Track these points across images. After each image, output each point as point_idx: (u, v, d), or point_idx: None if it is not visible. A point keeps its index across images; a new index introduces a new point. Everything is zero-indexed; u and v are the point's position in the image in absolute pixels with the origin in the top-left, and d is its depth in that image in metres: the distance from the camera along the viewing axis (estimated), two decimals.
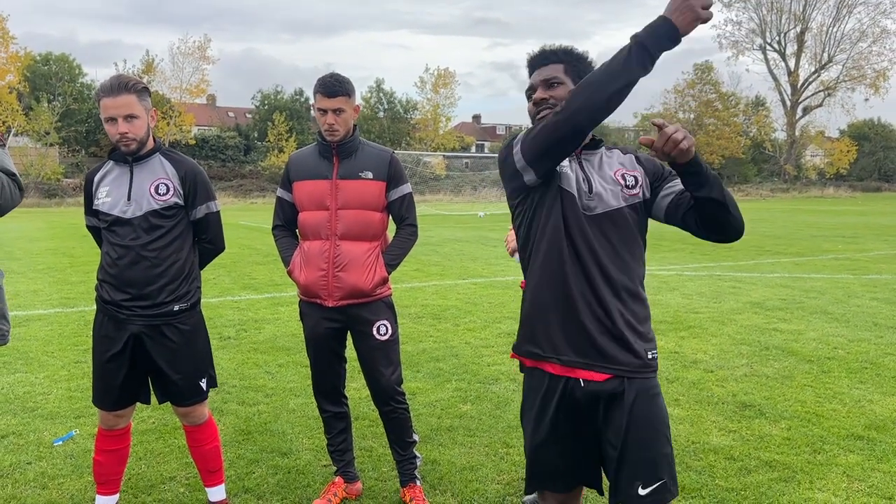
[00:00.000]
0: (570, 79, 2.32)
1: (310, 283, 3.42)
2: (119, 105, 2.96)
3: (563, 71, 2.33)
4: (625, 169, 2.37)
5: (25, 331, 7.24)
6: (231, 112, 65.25)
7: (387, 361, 3.51)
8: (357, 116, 3.45)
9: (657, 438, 2.24)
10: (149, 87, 3.15)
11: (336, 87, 3.28)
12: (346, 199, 3.36)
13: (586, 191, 2.27)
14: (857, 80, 58.94)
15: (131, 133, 2.99)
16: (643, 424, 2.22)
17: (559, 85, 2.31)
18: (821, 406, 5.05)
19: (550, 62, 2.35)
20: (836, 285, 10.43)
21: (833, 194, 53.76)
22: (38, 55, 47.13)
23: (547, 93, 2.32)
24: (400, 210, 3.50)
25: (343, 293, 3.38)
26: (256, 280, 11.00)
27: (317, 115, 3.36)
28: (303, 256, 3.45)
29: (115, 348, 3.12)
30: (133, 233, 3.06)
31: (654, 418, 2.24)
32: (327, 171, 3.39)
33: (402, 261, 3.56)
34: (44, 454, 4.19)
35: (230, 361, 6.21)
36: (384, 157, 3.46)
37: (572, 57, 2.35)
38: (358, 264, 3.37)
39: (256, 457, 4.17)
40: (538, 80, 2.35)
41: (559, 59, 2.34)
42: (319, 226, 3.39)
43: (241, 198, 40.48)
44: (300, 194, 3.44)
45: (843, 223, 23.96)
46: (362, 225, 3.39)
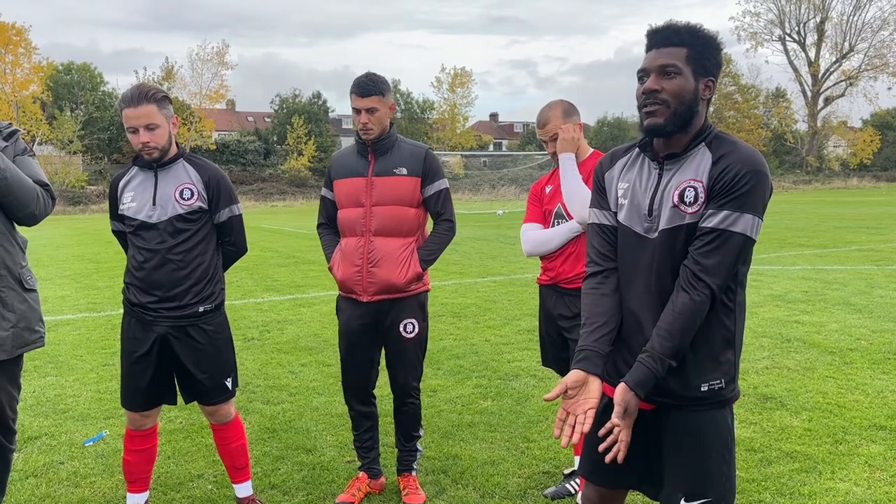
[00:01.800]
0: (690, 69, 2.03)
1: (345, 279, 3.50)
2: (140, 115, 3.03)
3: (685, 58, 2.02)
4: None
5: (55, 335, 7.40)
6: (250, 116, 65.79)
7: (409, 360, 3.59)
8: (392, 114, 3.52)
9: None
10: (169, 95, 3.22)
11: (369, 87, 3.36)
12: (381, 195, 3.43)
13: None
14: (880, 69, 58.06)
15: (153, 142, 3.07)
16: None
17: (676, 76, 2.02)
18: (842, 397, 5.03)
19: (672, 43, 2.03)
20: (858, 276, 10.33)
21: (856, 185, 53.01)
22: (60, 65, 47.86)
23: (660, 83, 2.02)
24: (436, 206, 3.55)
25: (377, 288, 3.45)
26: (278, 282, 11.13)
27: (353, 115, 3.44)
28: (341, 253, 3.54)
29: (142, 349, 3.21)
30: (159, 237, 3.15)
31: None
32: (364, 168, 3.47)
33: (439, 256, 3.61)
34: (75, 454, 4.30)
35: (254, 362, 6.31)
36: (419, 152, 3.51)
37: (698, 41, 2.04)
38: (391, 260, 3.44)
39: (282, 454, 4.25)
40: (654, 65, 2.04)
41: (683, 40, 2.03)
42: (355, 222, 3.47)
43: (262, 201, 40.80)
44: (339, 192, 3.54)
45: (867, 214, 23.66)
46: (396, 221, 3.45)
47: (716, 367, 2.06)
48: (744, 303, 2.11)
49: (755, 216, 1.98)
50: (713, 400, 2.06)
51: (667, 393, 2.07)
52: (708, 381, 2.05)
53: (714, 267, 1.96)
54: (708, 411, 2.07)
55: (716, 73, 2.08)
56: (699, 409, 2.07)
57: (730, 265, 1.98)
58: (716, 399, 2.07)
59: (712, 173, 2.00)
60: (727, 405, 2.09)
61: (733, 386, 2.10)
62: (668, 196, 2.06)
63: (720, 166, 2.00)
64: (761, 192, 1.99)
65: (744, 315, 2.13)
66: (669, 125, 2.03)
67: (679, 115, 2.03)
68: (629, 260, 2.16)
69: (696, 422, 2.07)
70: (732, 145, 2.04)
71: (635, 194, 2.14)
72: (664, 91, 2.02)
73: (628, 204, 2.15)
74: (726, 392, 2.07)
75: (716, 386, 2.06)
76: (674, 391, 2.07)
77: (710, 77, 2.06)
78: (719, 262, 1.96)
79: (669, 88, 2.02)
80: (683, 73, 2.02)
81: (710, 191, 2.00)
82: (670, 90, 2.02)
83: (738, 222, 1.96)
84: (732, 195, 1.97)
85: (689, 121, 2.05)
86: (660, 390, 2.06)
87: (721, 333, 2.06)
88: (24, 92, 41.44)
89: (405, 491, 3.67)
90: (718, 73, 2.10)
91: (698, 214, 2.01)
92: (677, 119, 2.03)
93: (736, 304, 2.07)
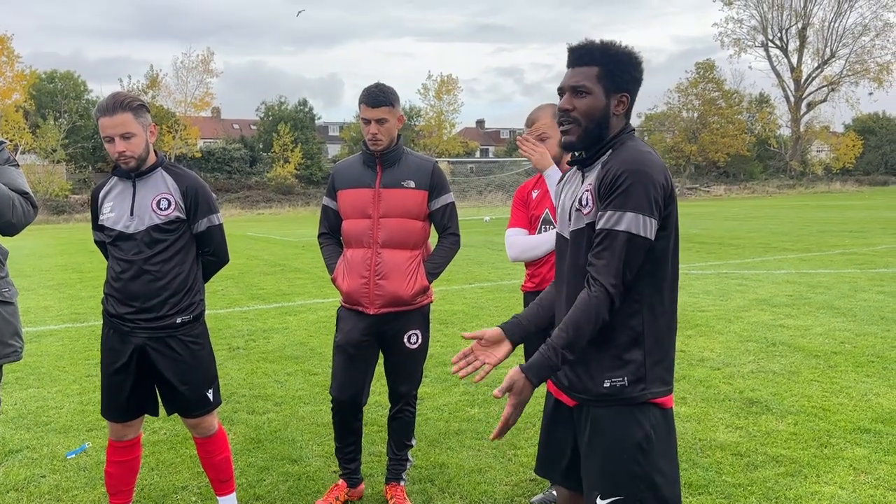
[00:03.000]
0: (601, 87, 2.12)
1: (352, 291, 3.47)
2: (116, 124, 3.00)
3: (596, 76, 2.12)
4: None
5: (37, 346, 7.32)
6: (236, 124, 65.59)
7: (411, 370, 3.60)
8: (401, 126, 3.51)
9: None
10: (147, 103, 3.19)
11: (380, 98, 3.35)
12: (388, 207, 3.42)
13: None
14: (861, 75, 58.77)
15: (129, 151, 3.03)
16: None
17: (586, 95, 2.12)
18: (827, 400, 5.06)
19: (584, 63, 2.13)
20: (842, 280, 10.42)
21: (840, 189, 53.51)
22: (43, 73, 47.57)
23: (572, 101, 2.14)
24: (442, 219, 3.54)
25: (384, 301, 3.43)
26: (264, 290, 11.07)
27: (361, 125, 3.43)
28: (346, 264, 3.51)
29: (120, 360, 3.18)
30: (136, 247, 3.11)
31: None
32: (371, 179, 3.45)
33: (444, 270, 3.61)
34: (57, 467, 4.25)
35: (239, 371, 6.27)
36: (427, 166, 3.51)
37: (610, 58, 2.12)
38: (399, 272, 3.42)
39: (267, 464, 4.21)
40: (567, 84, 2.15)
41: (595, 59, 2.12)
42: (362, 234, 3.44)
43: (248, 209, 40.66)
44: (344, 203, 3.51)
45: (850, 218, 23.88)
46: (404, 233, 3.44)
47: (619, 366, 2.11)
48: (662, 304, 2.13)
49: (638, 214, 2.02)
50: (617, 397, 2.11)
51: (578, 388, 2.18)
52: (610, 378, 2.11)
53: (604, 266, 2.04)
54: (614, 408, 2.12)
55: (631, 88, 2.17)
56: (605, 405, 2.13)
57: (618, 264, 2.02)
58: (620, 396, 2.11)
59: (598, 176, 2.12)
60: (635, 403, 2.12)
61: (643, 386, 2.11)
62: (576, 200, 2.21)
63: (603, 170, 2.11)
64: (642, 189, 2.03)
65: (662, 316, 2.14)
66: (580, 142, 2.17)
67: (589, 132, 2.16)
68: (559, 262, 2.31)
69: (604, 420, 2.14)
70: (621, 150, 2.12)
71: (563, 201, 2.30)
72: (575, 110, 2.14)
73: (560, 212, 2.32)
74: (630, 391, 2.11)
75: (618, 383, 2.11)
76: (581, 386, 2.17)
77: (623, 93, 2.16)
78: (608, 261, 2.03)
79: (580, 107, 2.14)
80: (593, 92, 2.13)
81: (597, 193, 2.10)
82: (580, 109, 2.14)
83: (622, 221, 2.02)
84: (613, 195, 2.05)
85: (600, 136, 2.17)
86: (572, 384, 2.19)
87: (626, 333, 2.10)
88: (7, 101, 41.14)
89: (392, 501, 3.64)
90: (635, 87, 2.18)
91: (591, 215, 2.13)
92: (587, 136, 2.16)
93: (644, 305, 2.10)
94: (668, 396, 2.17)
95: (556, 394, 2.31)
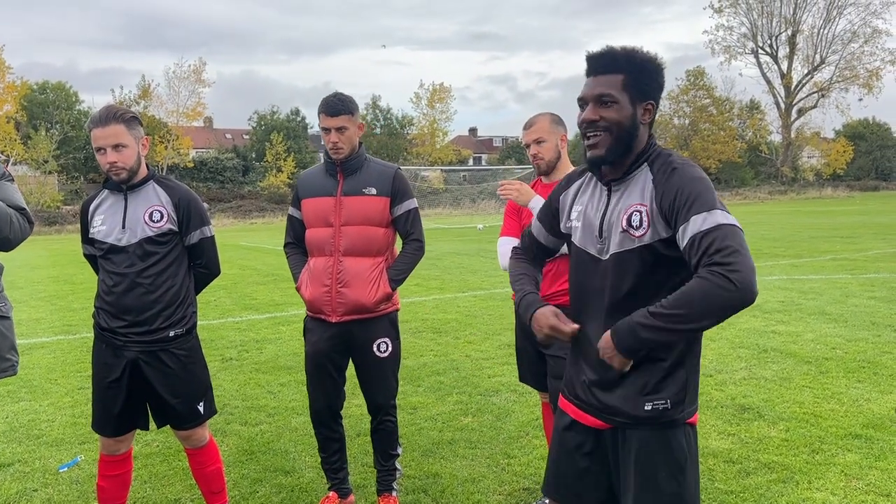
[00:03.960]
0: (627, 96, 2.03)
1: (314, 299, 3.48)
2: (108, 135, 3.01)
3: (622, 85, 2.03)
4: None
5: (29, 359, 7.28)
6: (228, 134, 65.48)
7: (384, 379, 3.57)
8: (361, 133, 3.53)
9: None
10: (139, 115, 3.20)
11: (338, 106, 3.36)
12: (349, 215, 3.43)
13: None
14: (851, 81, 59.09)
15: (120, 162, 3.04)
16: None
17: (613, 104, 2.03)
18: (819, 406, 5.08)
19: (608, 70, 2.04)
20: (833, 286, 10.47)
21: (831, 195, 53.78)
22: (34, 84, 47.42)
23: (598, 112, 2.04)
24: (405, 225, 3.55)
25: (346, 308, 3.44)
26: (257, 300, 11.05)
27: (322, 135, 3.44)
28: (309, 273, 3.52)
29: (113, 375, 3.17)
30: (128, 260, 3.11)
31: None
32: (332, 188, 3.46)
33: (408, 276, 3.61)
34: (49, 481, 4.23)
35: (232, 382, 6.25)
36: (388, 172, 3.52)
37: (635, 66, 2.03)
38: (361, 280, 3.42)
39: (260, 476, 4.20)
40: (591, 94, 2.06)
41: (619, 67, 2.03)
42: (323, 242, 3.45)
43: (241, 218, 40.55)
44: (307, 212, 3.52)
45: (842, 223, 24.00)
46: (365, 241, 3.44)
47: (661, 388, 2.04)
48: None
49: (723, 210, 1.93)
50: (660, 420, 2.05)
51: (616, 411, 2.09)
52: (652, 401, 2.04)
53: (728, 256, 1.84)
54: (656, 431, 2.06)
55: (656, 96, 2.09)
56: (646, 428, 2.06)
57: (743, 251, 1.86)
58: (662, 419, 2.05)
59: (656, 197, 2.01)
60: (677, 426, 2.07)
61: (682, 407, 2.07)
62: (617, 219, 2.08)
63: (660, 190, 2.00)
64: (713, 192, 1.97)
65: (701, 336, 2.10)
66: (610, 155, 2.07)
67: (619, 143, 2.05)
68: (584, 281, 2.17)
69: (645, 442, 2.07)
70: (668, 167, 2.03)
71: (588, 217, 2.17)
72: (602, 120, 2.04)
73: (582, 226, 2.18)
74: (673, 413, 2.05)
75: (660, 406, 2.04)
76: (621, 409, 2.08)
77: (649, 101, 2.08)
78: (728, 250, 1.85)
79: (607, 117, 2.04)
80: (620, 101, 2.03)
81: (661, 214, 2.00)
82: (608, 119, 2.04)
83: (714, 217, 1.90)
84: (689, 204, 1.94)
85: (629, 146, 2.07)
86: (610, 409, 2.10)
87: (672, 353, 2.04)
88: None
89: None
90: (660, 94, 2.11)
91: (647, 237, 2.02)
92: (618, 147, 2.06)
93: None
94: (696, 413, 2.15)
95: (576, 415, 2.21)
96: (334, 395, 3.63)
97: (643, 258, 2.03)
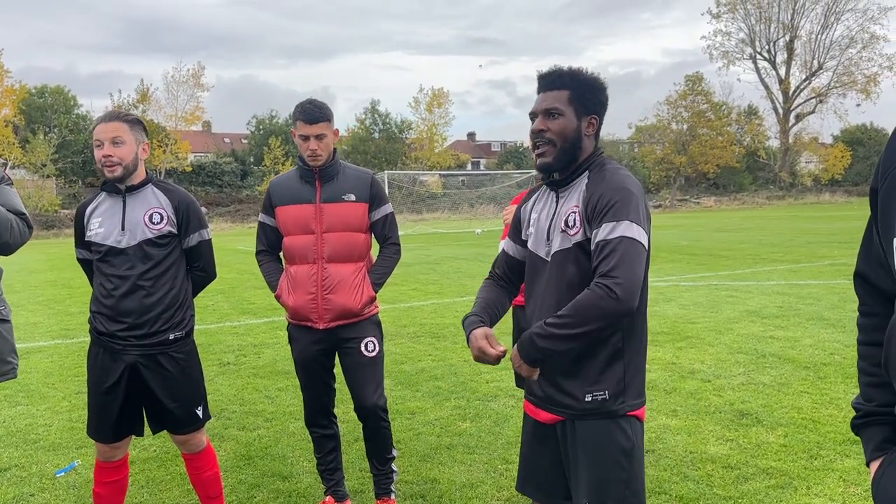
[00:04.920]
0: (572, 109, 2.23)
1: (299, 307, 3.47)
2: (108, 129, 3.04)
3: (568, 99, 2.23)
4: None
5: (26, 363, 7.27)
6: (227, 138, 65.53)
7: (373, 378, 3.55)
8: (336, 140, 3.53)
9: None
10: (144, 121, 3.22)
11: (317, 114, 3.36)
12: (331, 222, 3.43)
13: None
14: (849, 86, 59.18)
15: (115, 156, 3.04)
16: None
17: (559, 116, 2.23)
18: (817, 412, 5.08)
19: (556, 87, 2.25)
20: (832, 291, 10.47)
21: (829, 200, 53.83)
22: (33, 88, 47.42)
23: (546, 123, 2.24)
24: (383, 230, 3.57)
25: (333, 315, 3.44)
26: (255, 305, 11.04)
27: (298, 142, 3.43)
28: (290, 281, 3.51)
29: (111, 380, 3.16)
30: (128, 262, 3.11)
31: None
32: (310, 195, 3.45)
33: (388, 279, 3.65)
34: (46, 486, 4.21)
35: (230, 387, 6.24)
36: (365, 178, 3.53)
37: (580, 83, 2.25)
38: (346, 285, 3.43)
39: (258, 481, 4.19)
40: (540, 107, 2.27)
41: (565, 84, 2.25)
42: (306, 249, 3.44)
43: (239, 223, 40.52)
44: (284, 219, 3.50)
45: (840, 228, 24.02)
46: (348, 247, 3.45)
47: (600, 380, 2.20)
48: (638, 323, 2.23)
49: (632, 223, 2.10)
50: (600, 410, 2.20)
51: (562, 403, 2.24)
52: (592, 392, 2.20)
53: (612, 269, 2.06)
54: (598, 421, 2.21)
55: (599, 111, 2.28)
56: (590, 419, 2.21)
57: (624, 265, 2.06)
58: (602, 409, 2.20)
59: (584, 199, 2.20)
60: (618, 415, 2.21)
61: (623, 399, 2.21)
62: (559, 222, 2.26)
63: (588, 192, 2.20)
64: (633, 204, 2.13)
65: (640, 331, 2.25)
66: (557, 163, 2.26)
67: (565, 152, 2.25)
68: (535, 282, 2.34)
69: (589, 432, 2.22)
70: (603, 172, 2.23)
71: (540, 222, 2.35)
72: (549, 131, 2.24)
73: (535, 232, 2.37)
74: (611, 404, 2.20)
75: (599, 397, 2.20)
76: (565, 402, 2.24)
77: (592, 115, 2.27)
78: (614, 262, 2.06)
79: (554, 128, 2.24)
80: (566, 114, 2.23)
81: (586, 216, 2.17)
82: (554, 130, 2.24)
83: (618, 229, 2.09)
84: (606, 212, 2.12)
85: (574, 156, 2.26)
86: (556, 401, 2.26)
87: (607, 348, 2.19)
88: None
89: None
90: (603, 110, 2.29)
91: (579, 235, 2.19)
92: (563, 155, 2.25)
93: (624, 323, 2.18)
94: (642, 408, 2.28)
95: (534, 413, 2.37)
96: (326, 396, 3.66)
97: (577, 255, 2.20)
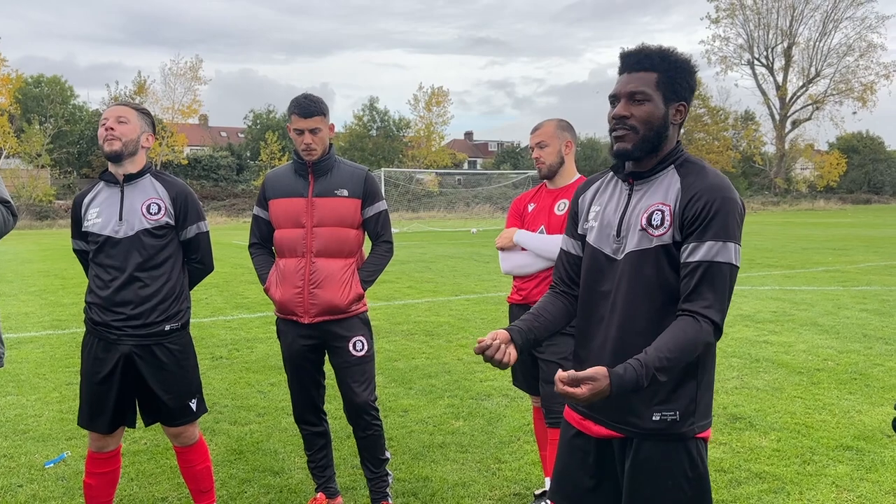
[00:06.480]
0: (660, 94, 2.02)
1: (285, 300, 3.45)
2: (115, 111, 3.09)
3: (655, 83, 2.01)
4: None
5: (17, 353, 7.22)
6: (223, 132, 65.34)
7: (362, 378, 3.52)
8: (332, 135, 3.51)
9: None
10: (153, 116, 3.26)
11: (311, 108, 3.33)
12: (322, 216, 3.40)
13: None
14: (845, 94, 59.40)
15: (118, 131, 3.05)
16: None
17: (645, 102, 2.01)
18: (810, 417, 5.08)
19: (643, 68, 2.02)
20: (825, 297, 10.50)
21: (823, 207, 54.04)
22: (29, 77, 47.21)
23: (629, 108, 2.02)
24: (375, 227, 3.54)
25: (318, 310, 3.41)
26: (248, 299, 11.00)
27: (293, 136, 3.40)
28: (278, 274, 3.49)
29: (105, 370, 3.14)
30: (125, 252, 3.09)
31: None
32: (303, 189, 3.43)
33: (378, 277, 3.61)
34: (35, 476, 4.18)
35: (222, 381, 6.21)
36: (359, 174, 3.50)
37: (669, 65, 2.02)
38: (333, 281, 3.41)
39: (248, 476, 4.17)
40: (624, 90, 2.03)
41: (654, 65, 2.02)
42: (295, 243, 3.42)
43: (234, 217, 40.41)
44: (276, 212, 3.48)
45: (834, 235, 24.09)
46: (338, 242, 3.42)
47: (671, 399, 2.01)
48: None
49: (737, 244, 1.97)
50: (668, 432, 2.02)
51: (623, 420, 2.06)
52: (660, 412, 2.01)
53: (715, 301, 1.94)
54: (663, 442, 2.03)
55: (688, 97, 2.07)
56: (654, 439, 2.04)
57: (726, 299, 1.96)
58: (671, 431, 2.02)
59: (682, 200, 1.99)
60: (686, 438, 2.03)
61: (692, 420, 2.03)
62: (636, 219, 2.04)
63: (686, 193, 1.99)
64: (737, 218, 1.98)
65: (713, 348, 2.08)
66: (637, 150, 2.03)
67: (647, 141, 2.03)
68: (597, 280, 2.13)
69: (652, 452, 2.04)
70: (698, 170, 2.03)
71: (606, 216, 2.13)
72: (633, 117, 2.02)
73: (598, 226, 2.14)
74: (681, 425, 2.02)
75: (669, 417, 2.01)
76: (628, 419, 2.05)
77: (681, 101, 2.06)
78: (718, 296, 1.94)
79: (638, 115, 2.01)
80: (653, 98, 2.01)
81: (681, 218, 1.98)
82: (639, 116, 2.01)
83: (725, 253, 1.94)
84: (710, 223, 1.94)
85: (657, 145, 2.05)
86: (620, 417, 2.06)
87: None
88: None
89: None
90: (691, 96, 2.08)
91: (666, 237, 2.00)
92: (645, 144, 2.03)
93: None
94: (709, 430, 2.11)
95: (578, 423, 2.18)
96: (315, 393, 3.63)
97: (657, 258, 2.00)
